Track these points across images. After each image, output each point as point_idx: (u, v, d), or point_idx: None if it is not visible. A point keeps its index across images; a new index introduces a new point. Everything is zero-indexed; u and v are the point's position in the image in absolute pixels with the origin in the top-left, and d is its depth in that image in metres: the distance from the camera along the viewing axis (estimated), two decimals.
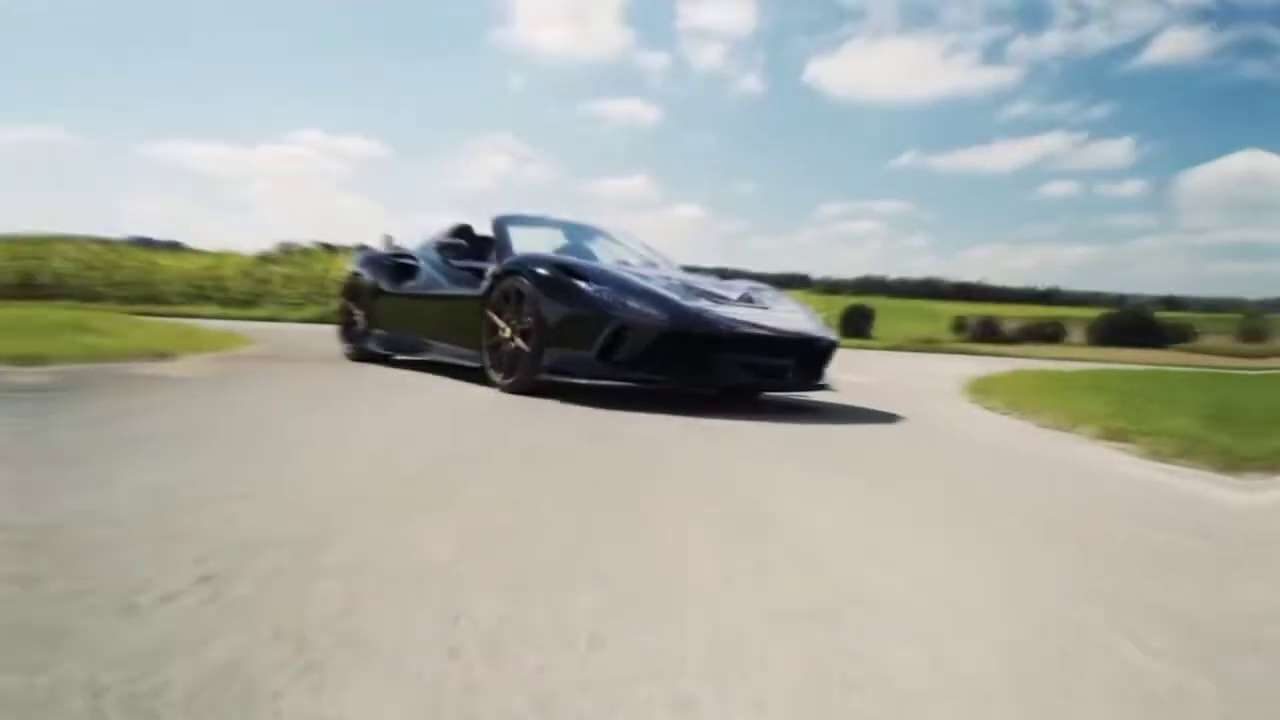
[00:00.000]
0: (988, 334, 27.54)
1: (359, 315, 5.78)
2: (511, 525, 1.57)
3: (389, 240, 6.13)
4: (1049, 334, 31.20)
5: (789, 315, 4.25)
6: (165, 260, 18.22)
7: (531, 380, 3.94)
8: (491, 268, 4.47)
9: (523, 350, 4.00)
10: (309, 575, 1.21)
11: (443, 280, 5.02)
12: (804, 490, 2.12)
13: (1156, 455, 3.11)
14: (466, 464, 2.20)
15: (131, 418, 2.51)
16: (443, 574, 1.26)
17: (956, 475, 2.57)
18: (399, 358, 5.68)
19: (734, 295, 4.24)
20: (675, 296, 3.88)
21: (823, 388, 4.17)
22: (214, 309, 14.49)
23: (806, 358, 4.10)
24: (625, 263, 4.82)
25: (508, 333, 4.12)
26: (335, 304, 6.46)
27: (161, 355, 4.88)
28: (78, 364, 4.02)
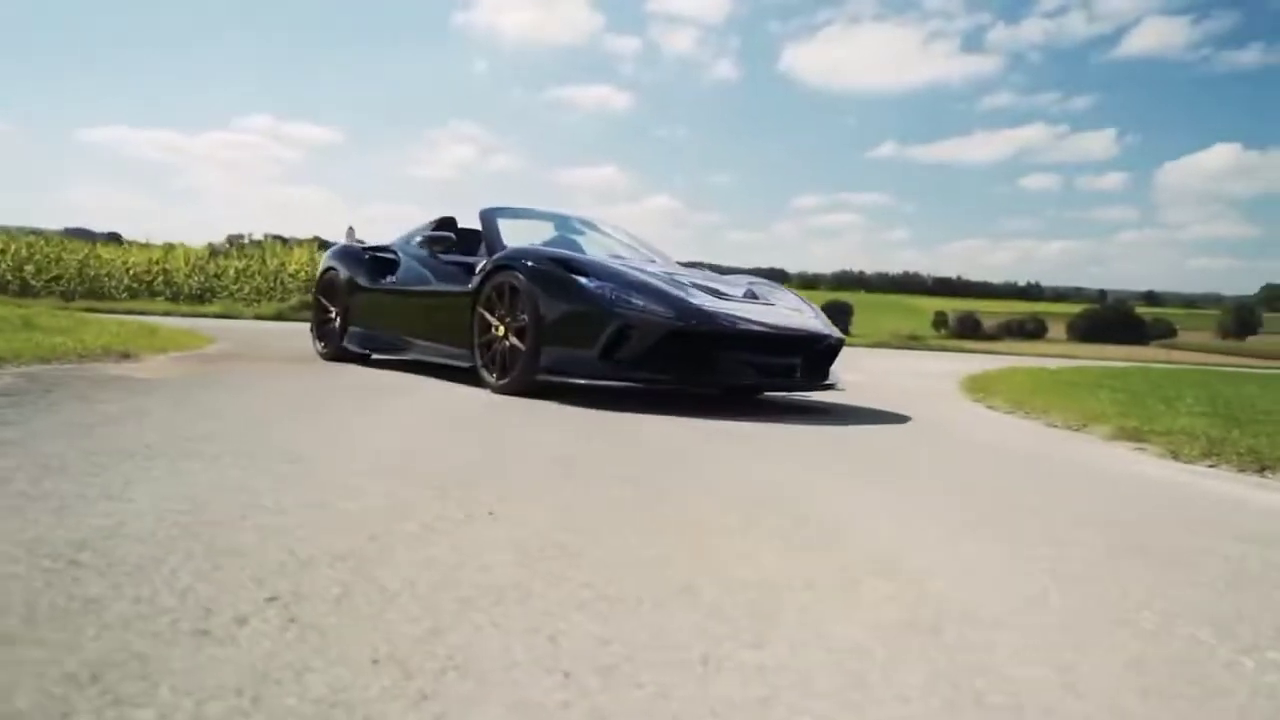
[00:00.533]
0: (968, 330, 28.15)
1: (333, 313, 5.61)
2: (568, 539, 1.50)
3: (352, 233, 5.97)
4: (1030, 330, 32.08)
5: (794, 312, 4.21)
6: (108, 253, 17.62)
7: (528, 381, 3.85)
8: (481, 263, 4.35)
9: (518, 349, 3.90)
10: (378, 594, 1.14)
11: (428, 275, 4.87)
12: (853, 498, 2.08)
13: (1178, 456, 3.15)
14: (494, 471, 2.12)
15: (114, 425, 2.38)
16: (517, 591, 1.19)
17: (996, 481, 2.56)
18: (377, 357, 5.54)
19: (738, 292, 4.17)
20: (680, 293, 3.81)
21: (829, 387, 4.14)
22: (162, 305, 14.05)
23: (813, 356, 4.07)
24: (618, 256, 4.72)
25: (501, 331, 4.02)
26: (293, 300, 6.31)
27: (124, 355, 4.68)
28: (34, 365, 3.82)
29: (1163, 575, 1.51)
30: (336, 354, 5.51)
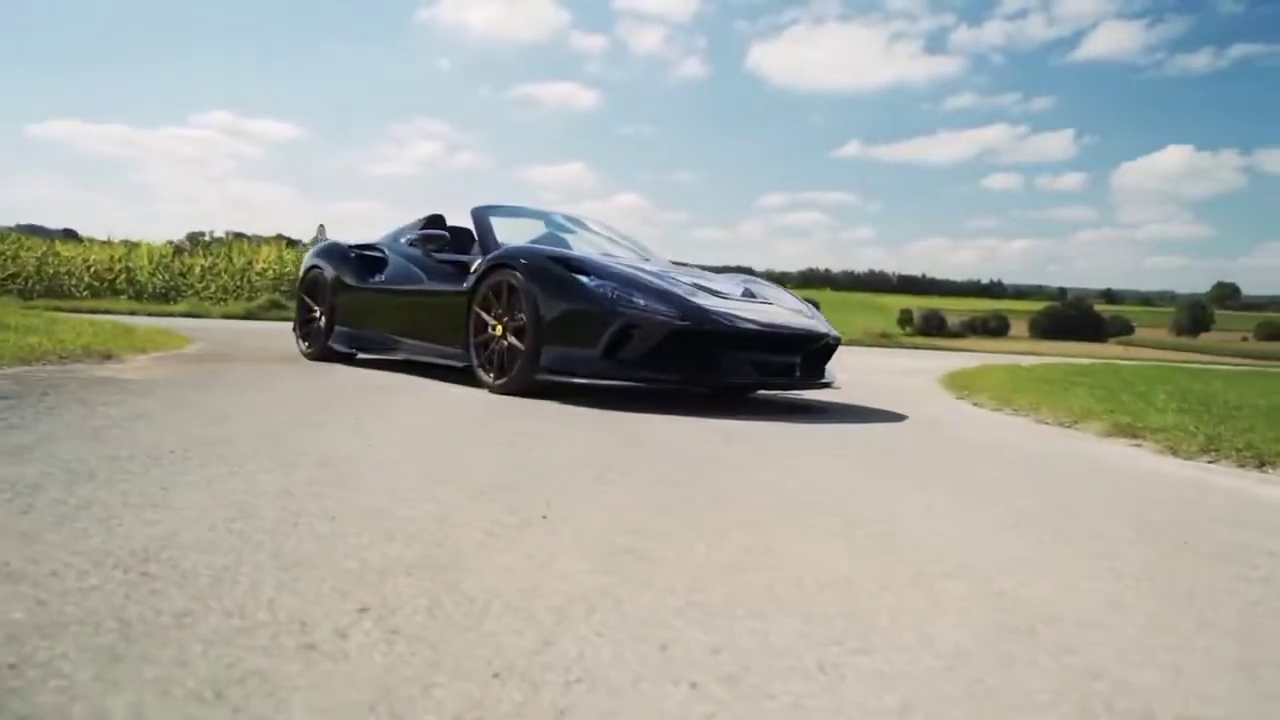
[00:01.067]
0: (933, 327, 28.44)
1: (318, 312, 5.51)
2: (634, 544, 1.48)
3: (323, 230, 5.89)
4: (994, 327, 32.51)
5: (792, 311, 4.22)
6: (67, 250, 17.13)
7: (527, 381, 3.81)
8: (476, 261, 4.29)
9: (516, 348, 3.85)
10: (469, 604, 1.11)
11: (419, 274, 4.79)
12: (891, 498, 2.08)
13: (1176, 451, 3.20)
14: (526, 474, 2.09)
15: (124, 429, 2.30)
16: (605, 599, 1.17)
17: (1016, 479, 2.58)
18: (362, 356, 5.45)
19: (736, 290, 4.16)
20: (681, 292, 3.79)
21: (826, 385, 4.16)
22: (126, 304, 13.69)
23: (810, 355, 4.08)
24: (609, 255, 4.69)
25: (498, 330, 3.97)
26: (262, 299, 6.18)
27: (106, 356, 4.56)
28: (16, 367, 3.70)
29: (1219, 572, 1.53)
30: (322, 354, 5.41)
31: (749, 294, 4.22)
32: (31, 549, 1.20)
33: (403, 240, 5.20)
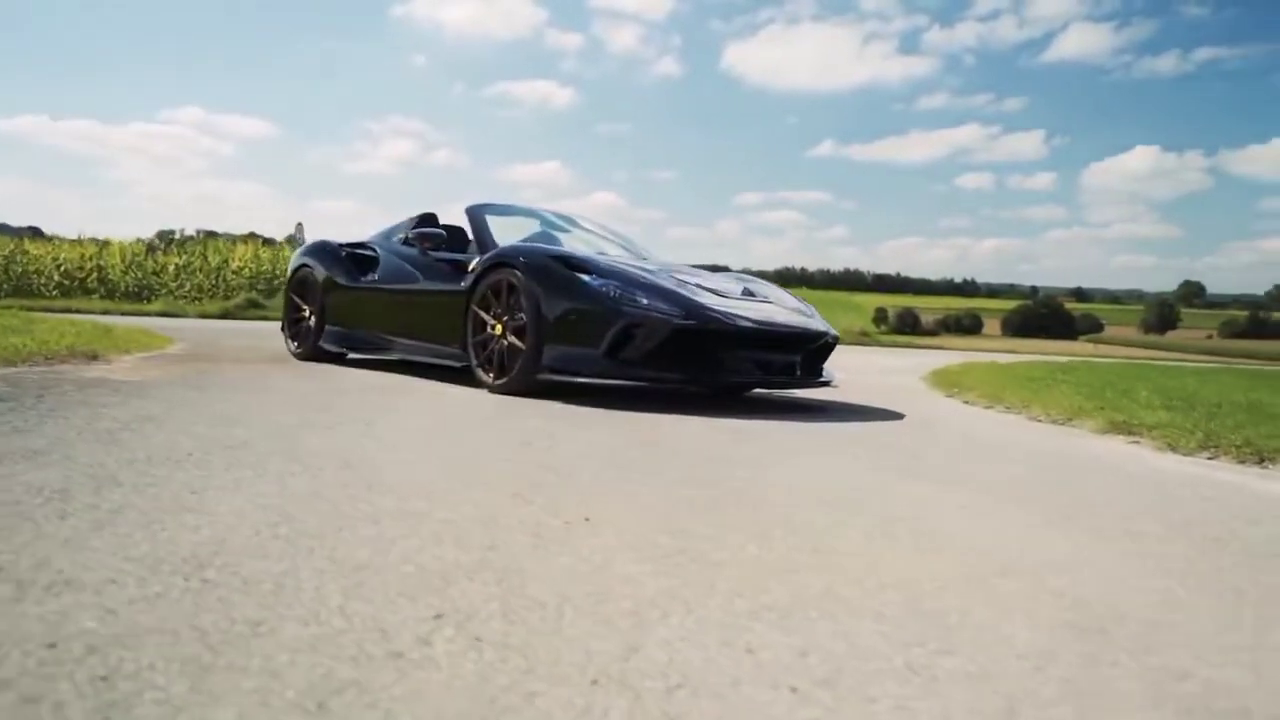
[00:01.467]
0: (907, 325, 28.58)
1: (307, 311, 5.43)
2: (685, 545, 1.47)
3: (301, 229, 5.83)
4: (967, 325, 32.72)
5: (792, 310, 4.22)
6: (36, 248, 16.77)
7: (528, 380, 3.78)
8: (473, 260, 4.25)
9: (516, 348, 3.82)
10: (541, 609, 1.09)
11: (414, 273, 4.73)
12: (917, 496, 2.09)
13: (1175, 448, 3.24)
14: (552, 474, 2.07)
15: (134, 432, 2.25)
16: (675, 602, 1.15)
17: (1030, 477, 2.59)
18: (352, 356, 5.39)
19: (735, 289, 4.16)
20: (684, 291, 3.78)
21: (825, 384, 4.17)
22: (99, 303, 13.42)
23: (810, 354, 4.09)
24: (603, 254, 4.67)
25: (498, 329, 3.93)
26: (239, 298, 6.08)
27: (92, 356, 4.47)
28: (3, 368, 3.62)
29: (1262, 568, 1.55)
30: (312, 354, 5.33)
31: (748, 293, 4.22)
32: (80, 555, 1.16)
33: (395, 239, 5.14)
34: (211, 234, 18.47)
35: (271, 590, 1.08)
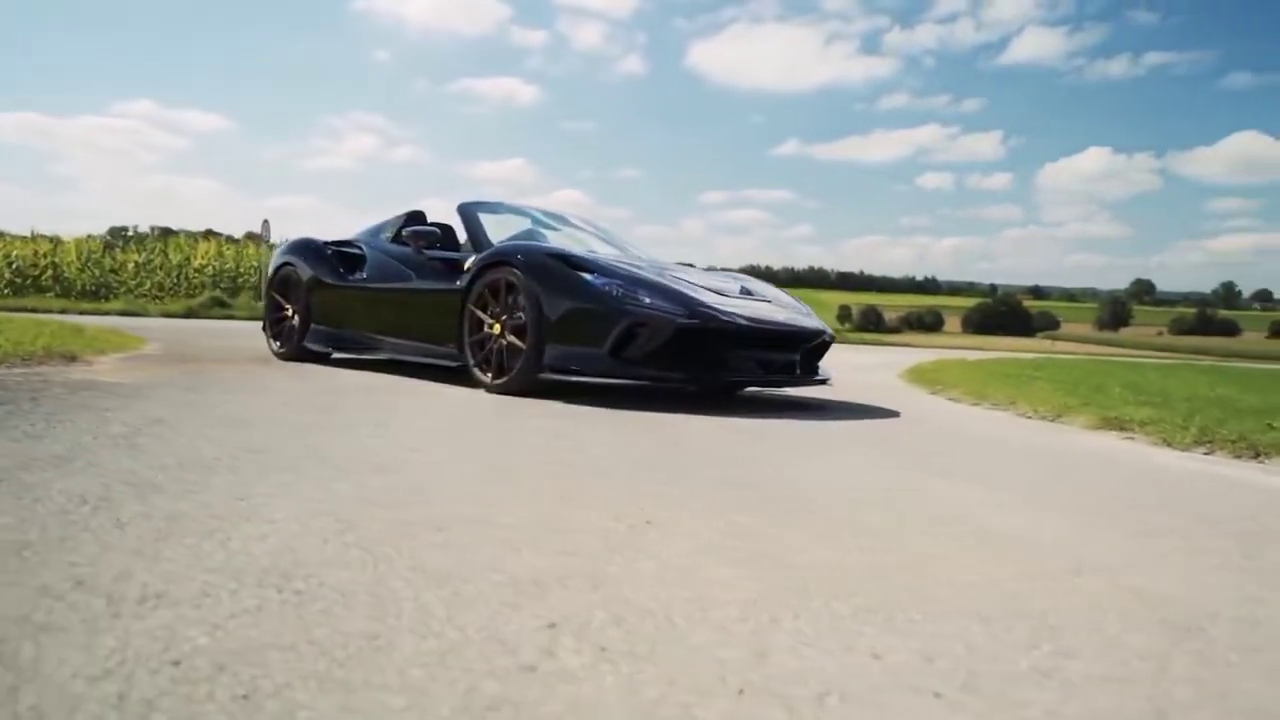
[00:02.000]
0: (871, 323, 28.85)
1: (290, 310, 5.32)
2: (760, 549, 1.45)
3: (267, 226, 5.70)
4: (929, 323, 33.14)
5: (790, 309, 4.24)
6: None
7: (529, 380, 3.73)
8: (468, 259, 4.19)
9: (516, 347, 3.77)
10: (650, 617, 1.06)
11: (405, 272, 4.65)
12: (955, 496, 2.09)
13: (1171, 444, 3.29)
14: (591, 477, 2.04)
15: (151, 437, 2.17)
16: (779, 606, 1.14)
17: (1045, 474, 2.63)
18: (337, 356, 5.29)
19: (734, 288, 4.15)
20: (686, 290, 3.77)
21: (822, 382, 4.19)
22: (56, 301, 13.01)
23: (807, 352, 4.10)
24: (594, 251, 4.63)
25: (496, 329, 3.88)
26: (204, 297, 5.94)
27: (70, 358, 4.33)
28: None
29: None
30: (295, 353, 5.22)
31: (746, 291, 4.22)
32: (160, 567, 1.11)
33: (383, 237, 5.06)
34: (168, 231, 17.99)
35: (369, 601, 1.04)
